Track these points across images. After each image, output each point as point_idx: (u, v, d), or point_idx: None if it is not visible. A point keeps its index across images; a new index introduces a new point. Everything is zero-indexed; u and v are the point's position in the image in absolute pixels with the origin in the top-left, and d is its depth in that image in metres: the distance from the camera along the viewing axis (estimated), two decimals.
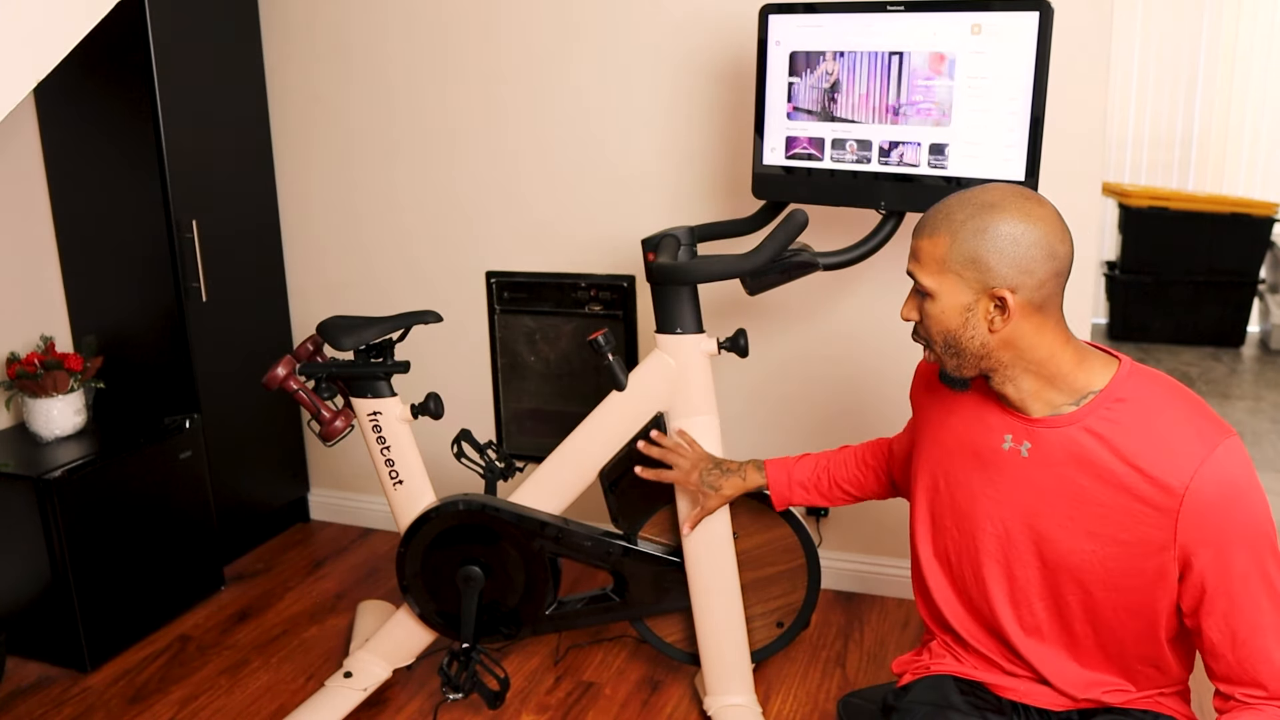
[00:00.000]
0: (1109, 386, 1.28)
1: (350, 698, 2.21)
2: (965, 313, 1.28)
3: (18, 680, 2.41)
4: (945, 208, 1.29)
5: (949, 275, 1.27)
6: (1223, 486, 1.21)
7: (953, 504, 1.44)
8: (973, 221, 1.25)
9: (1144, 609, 1.31)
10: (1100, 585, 1.31)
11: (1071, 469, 1.29)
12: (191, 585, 2.72)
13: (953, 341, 1.30)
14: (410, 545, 2.19)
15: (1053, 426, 1.31)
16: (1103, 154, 2.28)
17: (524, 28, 2.67)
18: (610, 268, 2.73)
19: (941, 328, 1.30)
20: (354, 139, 2.93)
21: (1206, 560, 1.23)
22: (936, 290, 1.29)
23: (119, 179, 2.66)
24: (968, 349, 1.30)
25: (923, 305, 1.32)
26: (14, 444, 2.56)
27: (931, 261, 1.28)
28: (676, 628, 2.30)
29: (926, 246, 1.29)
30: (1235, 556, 1.22)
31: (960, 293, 1.27)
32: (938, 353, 1.34)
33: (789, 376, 2.63)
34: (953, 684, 1.46)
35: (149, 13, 2.50)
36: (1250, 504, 1.22)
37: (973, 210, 1.26)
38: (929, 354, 1.36)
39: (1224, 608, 1.24)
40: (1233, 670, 1.25)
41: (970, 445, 1.40)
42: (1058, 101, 2.18)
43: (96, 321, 2.82)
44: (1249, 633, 1.23)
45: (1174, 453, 1.22)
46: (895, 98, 1.96)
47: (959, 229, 1.26)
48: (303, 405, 2.18)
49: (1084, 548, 1.30)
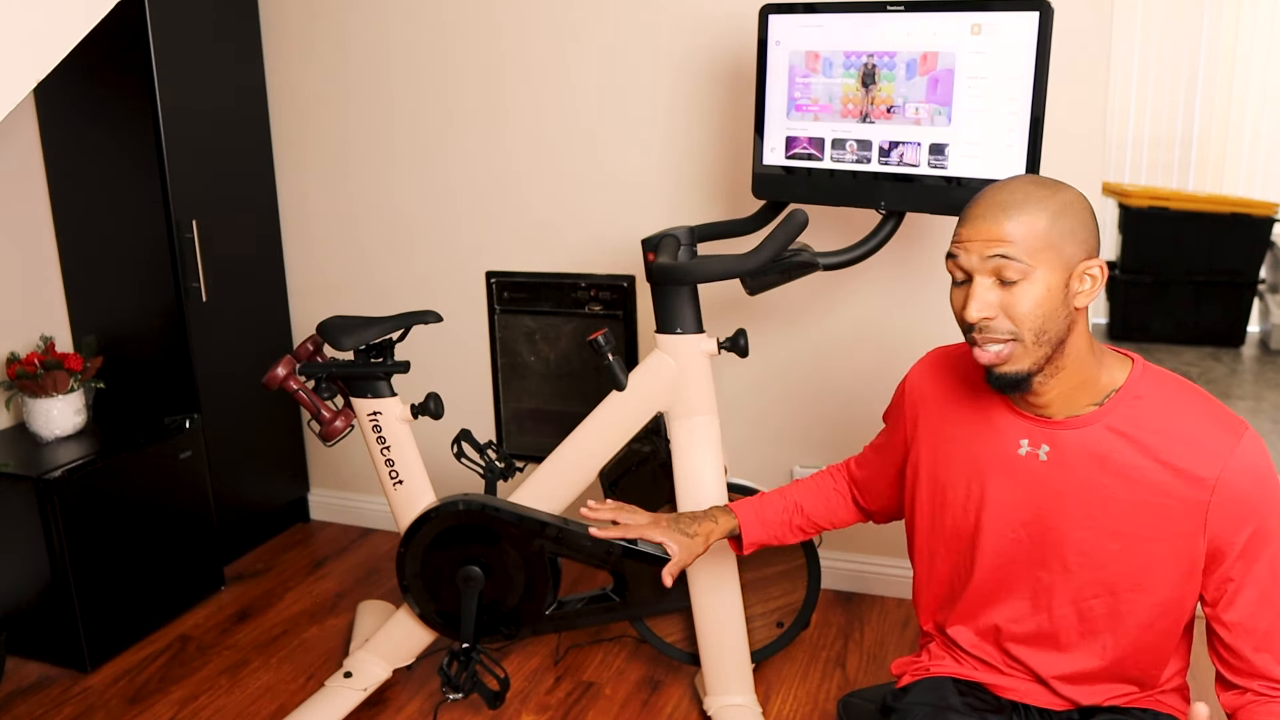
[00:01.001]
0: (1127, 384, 1.28)
1: (350, 698, 2.21)
2: (1063, 291, 1.22)
3: (18, 680, 2.41)
4: (1016, 189, 1.23)
5: (1049, 251, 1.21)
6: (1252, 476, 1.22)
7: (960, 517, 1.41)
8: (1056, 197, 1.22)
9: (1171, 606, 1.30)
10: (1127, 586, 1.31)
11: (1094, 469, 1.28)
12: (191, 585, 2.72)
13: (1049, 328, 1.22)
14: (410, 545, 2.19)
15: (1074, 427, 1.29)
16: (1103, 154, 2.28)
17: (524, 27, 2.67)
18: (610, 268, 2.72)
19: (1042, 312, 1.21)
20: (354, 139, 2.93)
21: (1236, 549, 1.24)
22: (1036, 270, 1.20)
23: (119, 179, 2.66)
24: (1055, 336, 1.23)
25: (1006, 295, 1.22)
26: (14, 444, 2.56)
27: (1029, 239, 1.20)
28: (676, 628, 2.30)
29: (1018, 228, 1.21)
30: (1264, 545, 1.23)
31: (1058, 271, 1.21)
32: (1025, 345, 1.23)
33: (789, 376, 2.63)
34: (952, 685, 1.46)
35: (149, 13, 2.50)
36: (1276, 493, 1.24)
37: (1047, 189, 1.22)
38: (1001, 349, 1.24)
39: (1249, 596, 1.24)
40: (1248, 662, 1.25)
41: (979, 455, 1.38)
42: (1058, 101, 2.18)
43: (96, 321, 2.82)
44: (1271, 623, 1.24)
45: (1200, 445, 1.23)
46: (895, 97, 1.96)
47: (1049, 203, 1.21)
48: (303, 405, 2.18)
49: (1109, 548, 1.29)
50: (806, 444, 2.65)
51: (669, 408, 2.08)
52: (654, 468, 2.17)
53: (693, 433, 2.06)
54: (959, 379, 1.44)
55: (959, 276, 1.26)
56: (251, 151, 2.94)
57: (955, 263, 1.26)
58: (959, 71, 1.89)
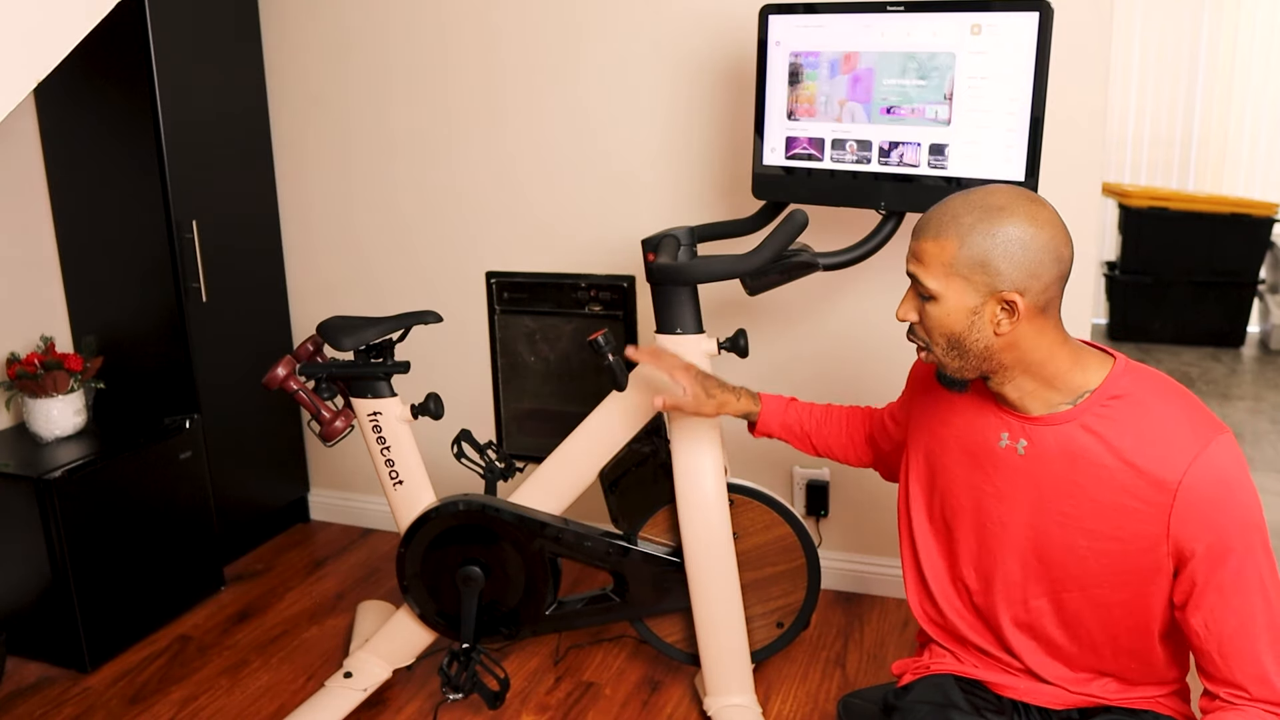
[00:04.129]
0: (1104, 384, 1.29)
1: (350, 698, 2.21)
2: (971, 315, 1.26)
3: (18, 680, 2.41)
4: (950, 209, 1.27)
5: (956, 278, 1.25)
6: (1215, 482, 1.21)
7: (951, 501, 1.45)
8: (981, 225, 1.24)
9: (1139, 606, 1.31)
10: (1096, 582, 1.32)
11: (1067, 466, 1.30)
12: (191, 585, 2.72)
13: (956, 343, 1.29)
14: (410, 545, 2.19)
15: (1049, 424, 1.31)
16: (1103, 154, 2.28)
17: (524, 27, 2.67)
18: (610, 268, 2.73)
19: (945, 330, 1.29)
20: (354, 139, 2.93)
21: (1199, 555, 1.23)
22: (942, 293, 1.27)
23: (119, 179, 2.66)
24: (972, 351, 1.29)
25: (924, 307, 1.30)
26: (14, 444, 2.56)
27: (938, 264, 1.26)
28: (676, 628, 2.30)
29: (932, 249, 1.27)
30: (1226, 552, 1.22)
31: (967, 295, 1.25)
32: (938, 354, 1.32)
33: (789, 376, 2.63)
34: (954, 683, 1.47)
35: (149, 13, 2.50)
36: (1242, 500, 1.22)
37: (980, 213, 1.24)
38: (926, 355, 1.35)
39: (1212, 603, 1.23)
40: (1218, 668, 1.25)
41: (967, 443, 1.41)
42: (1058, 101, 2.18)
43: (96, 321, 2.82)
44: (1235, 630, 1.23)
45: (1167, 448, 1.23)
46: (895, 97, 1.96)
47: (967, 232, 1.24)
48: (303, 405, 2.18)
49: (1080, 544, 1.31)
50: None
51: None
52: (654, 468, 2.17)
53: (693, 433, 2.06)
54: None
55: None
56: (251, 151, 2.94)
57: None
58: (959, 72, 1.89)
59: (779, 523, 2.19)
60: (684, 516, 2.09)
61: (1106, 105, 2.25)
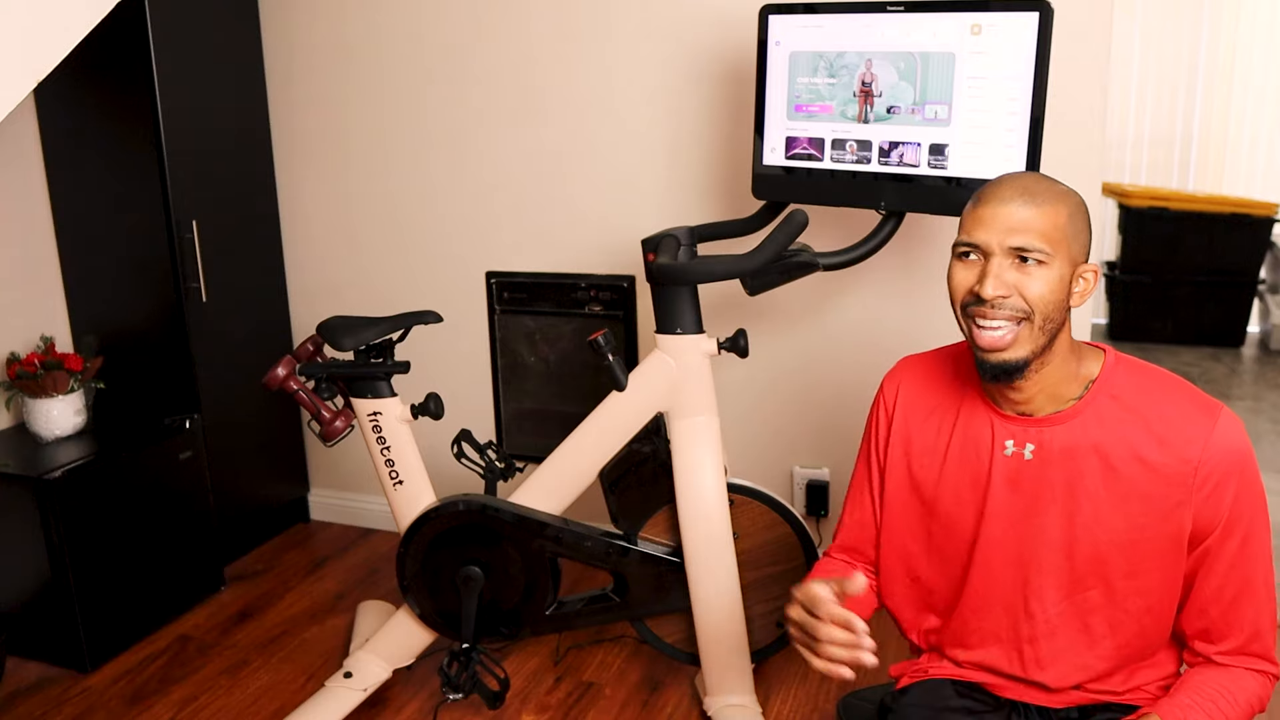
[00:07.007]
0: (1102, 375, 1.32)
1: (350, 698, 2.21)
2: (1068, 285, 1.27)
3: (18, 680, 2.41)
4: (1022, 182, 1.27)
5: (1063, 245, 1.25)
6: (1232, 453, 1.26)
7: (953, 529, 1.41)
8: (1071, 197, 1.28)
9: (1164, 589, 1.32)
10: (1120, 573, 1.32)
11: (1079, 463, 1.30)
12: (191, 585, 2.72)
13: (1053, 315, 1.26)
14: (410, 545, 2.19)
15: (1056, 424, 1.31)
16: (1103, 154, 2.28)
17: (523, 27, 2.67)
18: (610, 268, 2.72)
19: (1051, 300, 1.25)
20: (354, 139, 2.93)
21: (1216, 525, 1.27)
22: (1053, 259, 1.24)
23: (119, 179, 2.66)
24: (1055, 327, 1.27)
25: (1021, 276, 1.24)
26: (14, 444, 2.56)
27: (1052, 229, 1.24)
28: (676, 628, 2.30)
29: (1033, 215, 1.23)
30: (1239, 519, 1.27)
31: (1067, 265, 1.26)
32: (1025, 332, 1.25)
33: (789, 377, 2.63)
34: (950, 687, 1.46)
35: (149, 12, 2.50)
36: (1252, 470, 1.28)
37: (1063, 187, 1.28)
38: (1004, 335, 1.25)
39: (1223, 568, 1.28)
40: (1214, 625, 1.30)
41: (968, 462, 1.38)
42: (1058, 102, 2.18)
43: (96, 321, 2.82)
44: (1239, 590, 1.28)
45: (1180, 427, 1.27)
46: (895, 97, 1.96)
47: (1060, 201, 1.26)
48: (303, 405, 2.18)
49: (1100, 539, 1.31)
50: (806, 444, 2.65)
51: (669, 408, 2.08)
52: (654, 468, 2.17)
53: (693, 433, 2.06)
54: (936, 386, 1.45)
55: (973, 255, 1.28)
56: (251, 151, 2.94)
57: (971, 241, 1.27)
58: (959, 72, 1.89)
59: (779, 523, 2.19)
60: (684, 516, 2.08)
61: (1106, 105, 2.25)
